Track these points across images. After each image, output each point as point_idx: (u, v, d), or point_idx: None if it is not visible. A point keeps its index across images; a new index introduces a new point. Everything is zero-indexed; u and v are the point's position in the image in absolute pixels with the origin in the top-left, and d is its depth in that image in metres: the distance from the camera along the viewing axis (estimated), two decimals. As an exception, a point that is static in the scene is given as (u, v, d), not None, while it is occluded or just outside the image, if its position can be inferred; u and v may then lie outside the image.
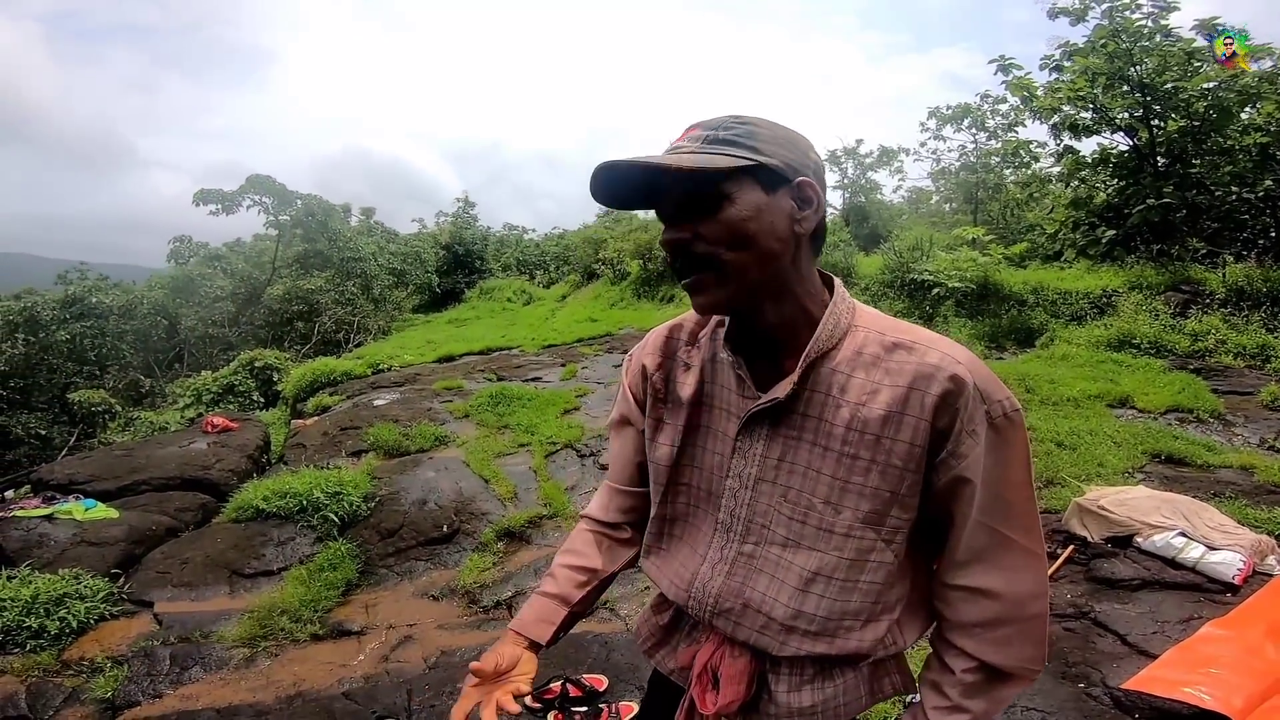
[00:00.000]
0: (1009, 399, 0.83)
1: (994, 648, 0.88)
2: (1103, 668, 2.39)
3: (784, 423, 0.87)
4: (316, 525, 4.19)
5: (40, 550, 3.88)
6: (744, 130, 0.82)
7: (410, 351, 10.24)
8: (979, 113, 12.57)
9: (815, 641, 0.90)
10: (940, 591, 0.92)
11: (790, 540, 0.89)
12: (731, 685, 0.94)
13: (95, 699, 2.73)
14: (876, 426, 0.83)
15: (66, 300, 13.24)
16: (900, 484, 0.84)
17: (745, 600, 0.92)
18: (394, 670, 2.78)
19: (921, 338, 0.86)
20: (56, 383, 12.60)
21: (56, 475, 5.29)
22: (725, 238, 0.80)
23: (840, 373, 0.86)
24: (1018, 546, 0.86)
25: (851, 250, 11.50)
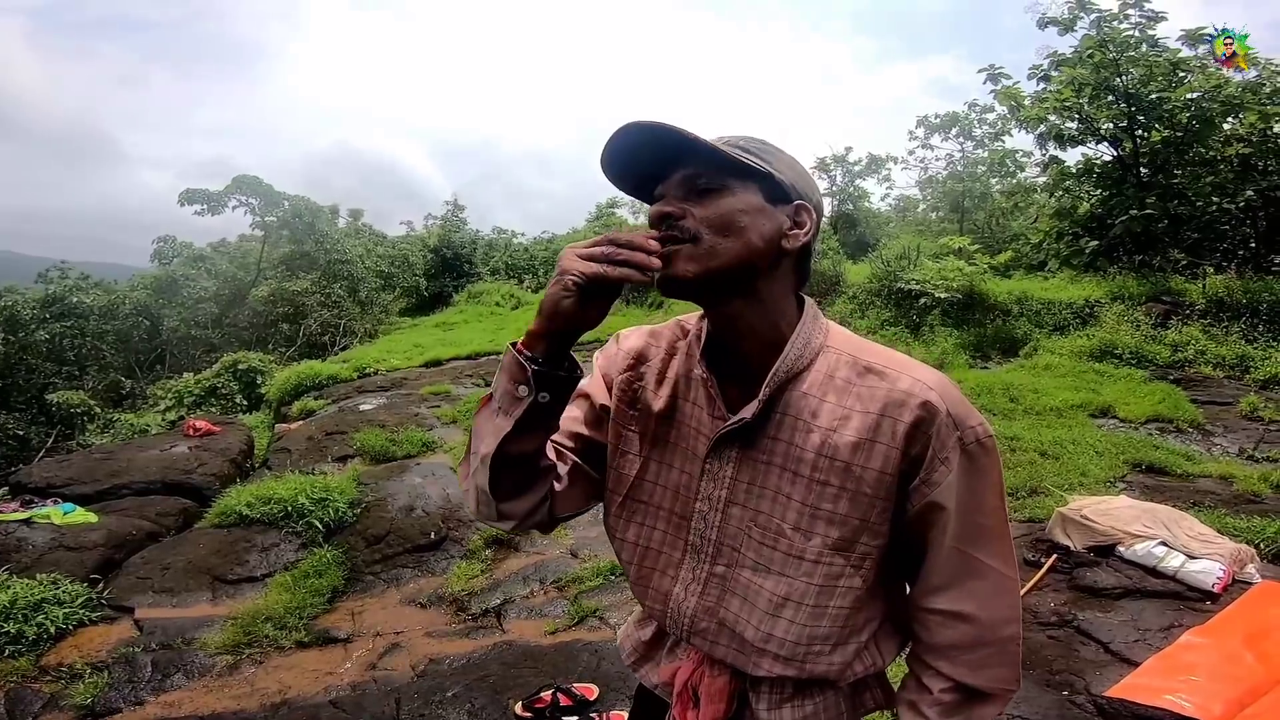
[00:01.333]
0: (982, 425, 0.83)
1: (970, 670, 0.88)
2: (1086, 675, 2.42)
3: (754, 446, 0.86)
4: (301, 531, 4.15)
5: (17, 555, 3.81)
6: (763, 147, 0.85)
7: (397, 355, 10.19)
8: (967, 121, 12.70)
9: (786, 665, 0.89)
10: (915, 614, 0.91)
11: (760, 565, 0.87)
12: (711, 704, 0.94)
13: (75, 705, 2.69)
14: (847, 453, 0.82)
15: (47, 299, 13.05)
16: (870, 511, 0.83)
17: (720, 619, 0.91)
18: (381, 678, 2.75)
19: (894, 362, 0.85)
20: (35, 383, 12.39)
21: (34, 478, 5.20)
22: (714, 220, 0.81)
23: (811, 396, 0.84)
24: (992, 571, 0.86)
25: (840, 258, 11.57)
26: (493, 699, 2.53)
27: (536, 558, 3.91)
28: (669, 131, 0.79)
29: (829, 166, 16.77)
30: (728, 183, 0.81)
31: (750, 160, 0.82)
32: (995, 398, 6.23)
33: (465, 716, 2.44)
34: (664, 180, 0.85)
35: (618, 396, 0.97)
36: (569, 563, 3.79)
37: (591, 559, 3.75)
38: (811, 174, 0.90)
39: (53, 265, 15.52)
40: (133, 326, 13.50)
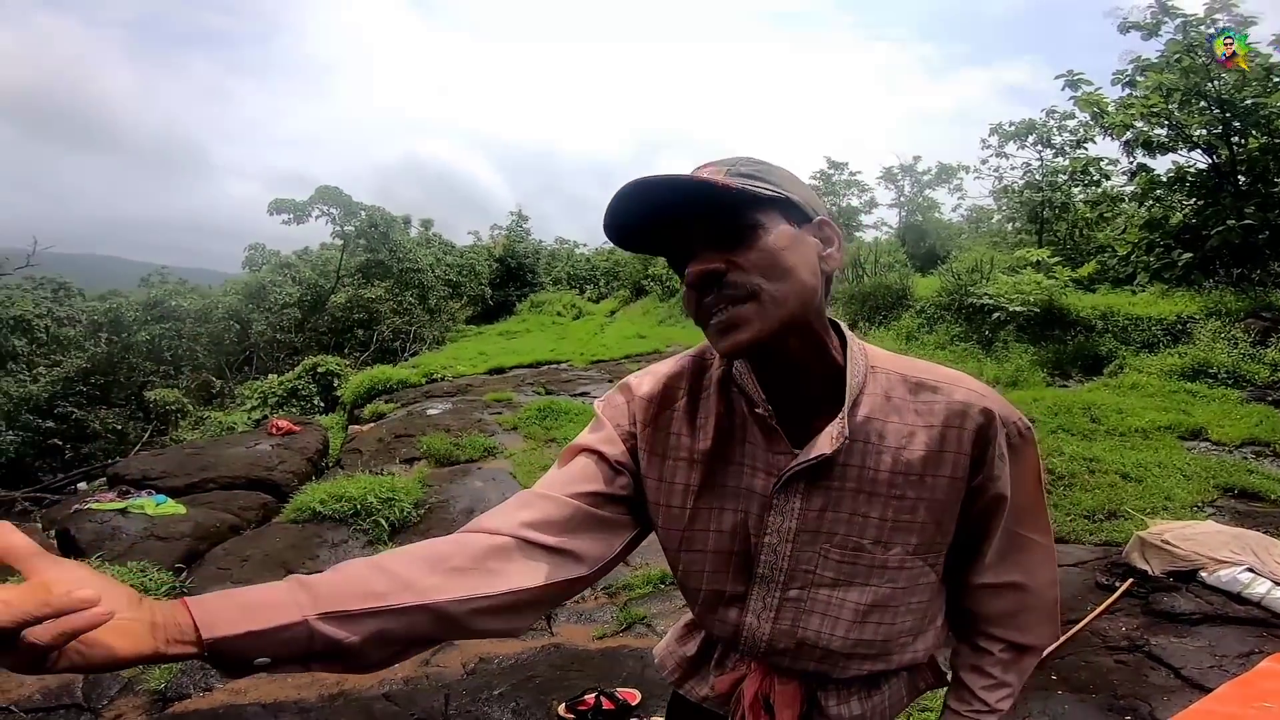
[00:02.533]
0: (1021, 419, 0.91)
1: (1020, 631, 1.00)
2: (1152, 700, 2.35)
3: (823, 476, 0.86)
4: (369, 529, 4.34)
5: (111, 543, 4.12)
6: (762, 168, 0.80)
7: (463, 362, 10.50)
8: (1045, 129, 12.10)
9: (875, 662, 0.95)
10: (971, 591, 0.99)
11: (840, 580, 0.89)
12: (787, 710, 0.96)
13: (148, 690, 2.87)
14: (919, 467, 0.85)
15: (148, 303, 14.08)
16: (944, 514, 0.88)
17: (799, 640, 0.92)
18: (433, 675, 2.84)
19: (941, 376, 0.89)
20: (135, 381, 13.38)
21: (131, 470, 5.62)
22: (764, 266, 0.76)
23: (875, 419, 0.86)
24: (1036, 545, 0.96)
25: (908, 271, 11.25)
26: (537, 699, 2.58)
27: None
28: (682, 182, 0.74)
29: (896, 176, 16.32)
30: (756, 220, 0.76)
31: (766, 189, 0.77)
32: (1074, 417, 5.92)
33: (510, 715, 2.50)
34: (680, 231, 0.79)
35: (646, 449, 0.92)
36: (621, 570, 3.81)
37: (643, 567, 3.76)
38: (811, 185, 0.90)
39: (153, 270, 16.76)
40: (224, 329, 14.39)
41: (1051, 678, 2.54)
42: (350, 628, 0.66)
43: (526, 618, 0.82)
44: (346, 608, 0.66)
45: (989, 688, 1.01)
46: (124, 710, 2.77)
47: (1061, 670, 2.58)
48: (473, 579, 0.75)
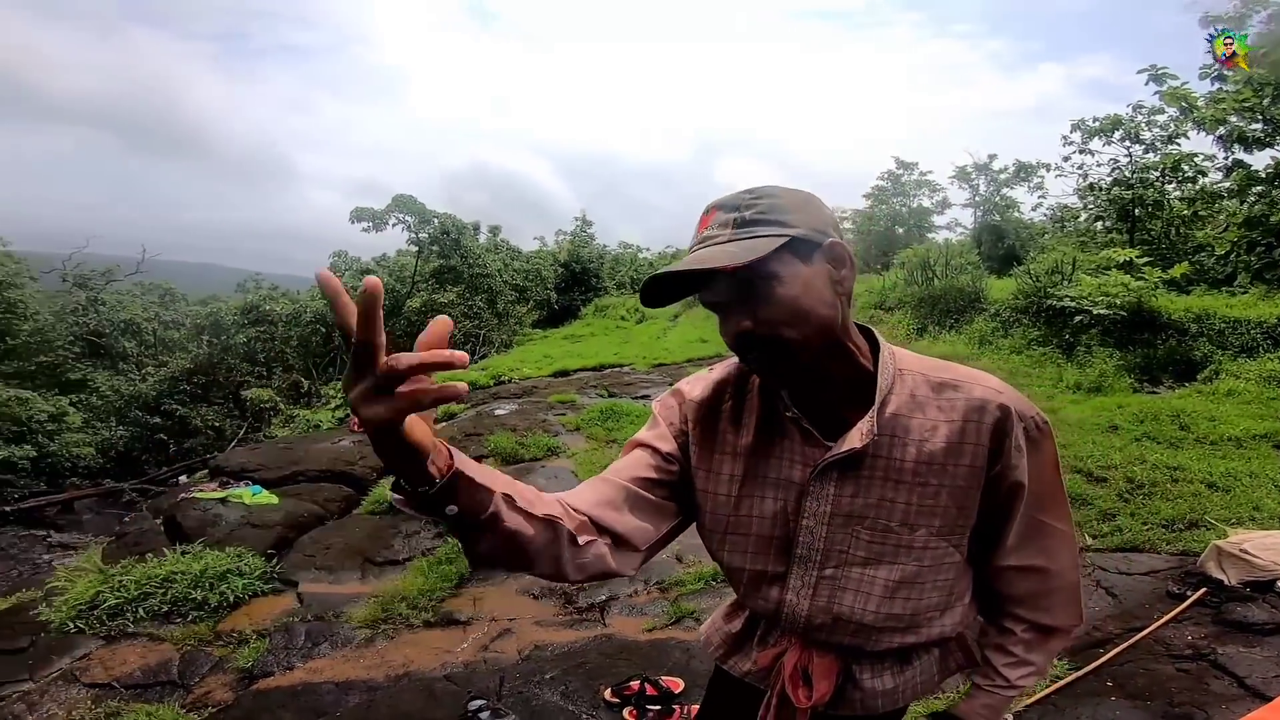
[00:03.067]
0: (1038, 414, 0.99)
1: (1044, 612, 1.08)
2: (1210, 709, 2.29)
3: (855, 465, 0.96)
4: (438, 522, 4.58)
5: (213, 529, 4.50)
6: (766, 205, 0.86)
7: (529, 365, 10.81)
8: (1132, 125, 11.41)
9: (905, 634, 1.04)
10: (995, 573, 1.07)
11: (870, 559, 0.99)
12: (824, 681, 1.06)
13: (236, 668, 3.12)
14: (941, 457, 0.95)
15: (244, 308, 15.14)
16: (965, 499, 0.97)
17: (835, 615, 1.02)
18: (491, 659, 3.01)
19: (961, 375, 0.99)
20: (232, 380, 14.40)
21: (231, 463, 6.11)
22: (783, 318, 0.86)
23: (901, 415, 0.96)
24: (1056, 530, 1.04)
25: (980, 274, 10.84)
26: (586, 684, 2.70)
27: (645, 559, 4.06)
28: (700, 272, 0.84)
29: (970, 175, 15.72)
30: (769, 270, 0.84)
31: (770, 238, 0.84)
32: (1162, 425, 5.62)
33: (559, 697, 2.63)
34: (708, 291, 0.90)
35: (696, 445, 1.04)
36: (674, 566, 3.90)
37: (695, 564, 3.84)
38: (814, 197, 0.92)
39: (249, 277, 17.97)
40: (311, 333, 15.30)
41: (1106, 684, 2.47)
42: (509, 514, 0.81)
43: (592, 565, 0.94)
44: (518, 499, 0.83)
45: (1011, 664, 1.09)
46: (213, 687, 3.02)
47: (1117, 677, 2.51)
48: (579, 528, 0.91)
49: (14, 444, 10.38)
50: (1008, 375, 7.84)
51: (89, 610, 3.51)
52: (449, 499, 0.74)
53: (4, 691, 3.00)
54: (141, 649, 3.29)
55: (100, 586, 3.64)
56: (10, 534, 9.01)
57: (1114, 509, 4.18)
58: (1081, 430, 5.65)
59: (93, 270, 16.63)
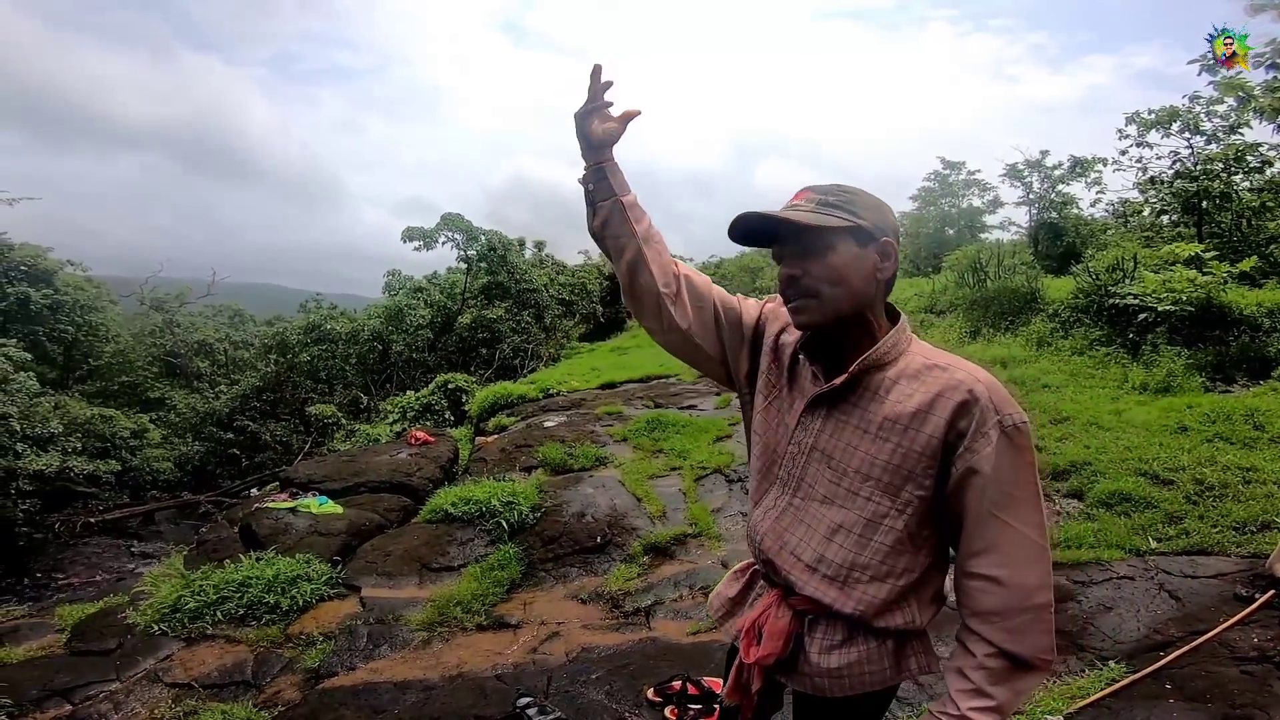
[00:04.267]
0: (1019, 413, 1.04)
1: (1009, 636, 1.01)
2: (1271, 711, 2.22)
3: (838, 409, 1.13)
4: (492, 530, 4.73)
5: (283, 537, 4.76)
6: (846, 198, 1.10)
7: (577, 378, 10.95)
8: (1190, 116, 10.92)
9: (829, 584, 1.12)
10: (959, 582, 1.08)
11: (827, 498, 1.13)
12: (771, 640, 1.16)
13: (304, 669, 3.30)
14: (906, 419, 1.06)
15: (307, 327, 15.80)
16: (916, 465, 1.06)
17: (782, 543, 1.17)
18: (539, 661, 3.11)
19: (955, 362, 1.10)
20: (297, 397, 15.04)
21: (299, 475, 6.42)
22: (828, 276, 1.07)
23: (889, 380, 1.10)
24: (1024, 539, 1.02)
25: (1036, 273, 10.49)
26: (629, 684, 2.77)
27: (689, 565, 4.12)
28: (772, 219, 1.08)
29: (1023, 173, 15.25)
30: (829, 241, 1.08)
31: (840, 219, 1.07)
32: (1235, 425, 5.35)
33: (604, 696, 2.72)
34: (780, 242, 1.13)
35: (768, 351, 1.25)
36: (719, 572, 3.94)
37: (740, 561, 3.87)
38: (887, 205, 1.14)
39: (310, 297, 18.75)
40: (369, 350, 15.86)
41: (1164, 686, 2.41)
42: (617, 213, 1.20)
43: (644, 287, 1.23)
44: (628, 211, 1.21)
45: (966, 693, 1.03)
46: (282, 687, 3.21)
47: (1177, 679, 2.44)
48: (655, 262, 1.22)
49: (99, 459, 11.08)
50: (1069, 377, 7.60)
51: (171, 613, 3.76)
52: (593, 180, 1.20)
53: (91, 691, 3.21)
54: (219, 650, 3.51)
55: (182, 590, 3.90)
56: (97, 544, 9.63)
57: (1181, 511, 4.03)
58: (1149, 432, 5.44)
59: (166, 294, 17.65)
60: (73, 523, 10.07)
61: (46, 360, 13.81)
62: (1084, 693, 2.46)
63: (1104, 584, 3.30)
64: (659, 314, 1.23)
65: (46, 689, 3.20)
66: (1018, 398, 7.22)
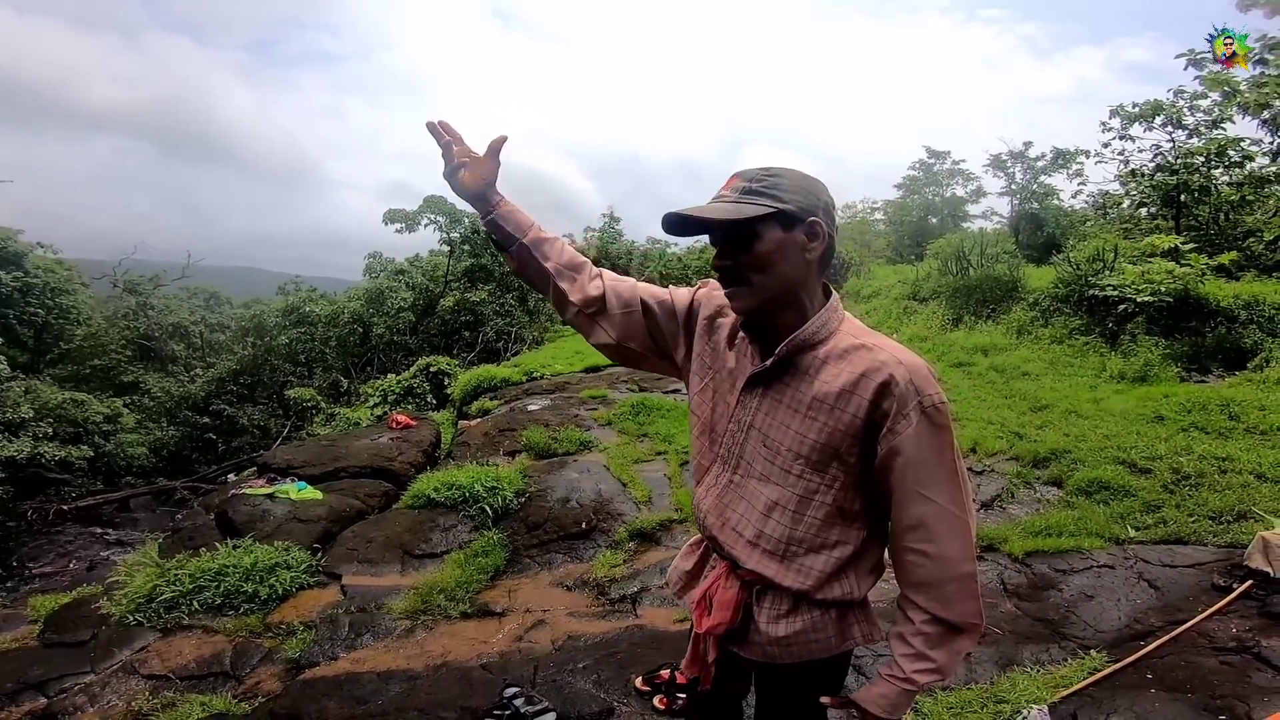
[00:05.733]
0: (938, 394, 1.08)
1: (941, 604, 1.10)
2: (1251, 701, 2.24)
3: (773, 389, 1.16)
4: (475, 515, 4.68)
5: (261, 524, 4.66)
6: (771, 182, 1.10)
7: (561, 361, 10.89)
8: (1174, 109, 11.03)
9: (770, 559, 1.16)
10: (893, 554, 1.16)
11: (763, 475, 1.17)
12: (721, 610, 1.20)
13: (285, 659, 3.23)
14: (832, 399, 1.10)
15: (286, 309, 15.52)
16: (842, 444, 1.10)
17: (724, 519, 1.21)
18: (525, 649, 3.08)
19: (880, 342, 1.12)
20: (276, 380, 14.80)
21: (277, 460, 6.30)
22: (755, 265, 1.10)
23: (818, 359, 1.13)
24: (948, 514, 1.08)
25: (1017, 263, 10.58)
26: (617, 673, 2.75)
27: (675, 552, 4.07)
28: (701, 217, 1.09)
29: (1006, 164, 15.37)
30: (753, 230, 1.09)
31: (761, 206, 1.08)
32: (1210, 415, 5.44)
33: (591, 685, 2.69)
34: (710, 232, 1.14)
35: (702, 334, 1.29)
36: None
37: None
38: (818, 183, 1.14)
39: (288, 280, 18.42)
40: (349, 333, 15.63)
41: (1146, 676, 2.44)
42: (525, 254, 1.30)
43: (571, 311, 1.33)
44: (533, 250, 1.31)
45: (908, 656, 1.13)
46: (262, 677, 3.15)
47: (1158, 669, 2.48)
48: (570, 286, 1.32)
49: (71, 445, 10.83)
50: (1049, 365, 7.70)
51: (147, 603, 3.68)
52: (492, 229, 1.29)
53: (66, 684, 3.13)
54: (196, 640, 3.44)
55: (157, 580, 3.81)
56: (70, 532, 9.43)
57: (1158, 500, 4.09)
58: (1126, 421, 5.51)
59: (141, 276, 17.18)
60: (45, 510, 9.85)
61: (16, 344, 13.45)
62: (1067, 682, 2.48)
63: (1085, 572, 3.34)
64: (590, 331, 1.32)
65: (20, 682, 3.12)
66: (998, 385, 7.34)
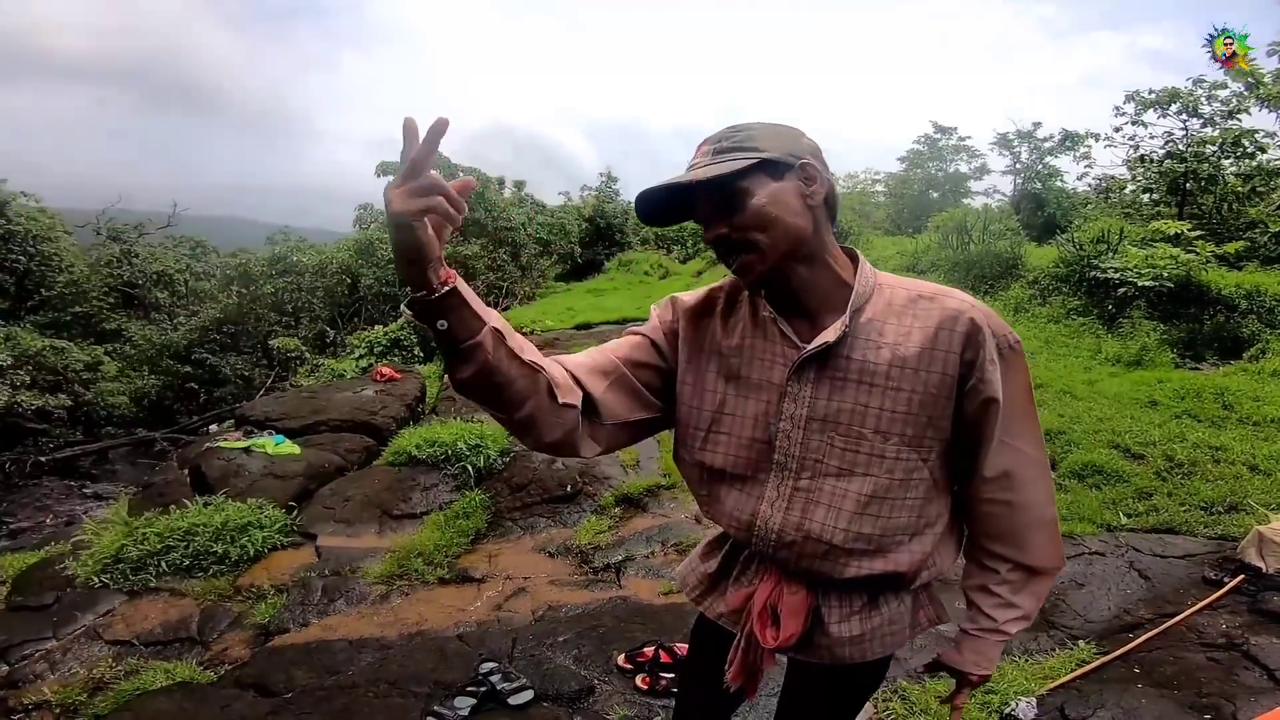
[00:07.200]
0: (1011, 333, 1.01)
1: (1026, 551, 1.06)
2: (1238, 700, 2.20)
3: (829, 367, 1.00)
4: (457, 475, 4.57)
5: (235, 480, 4.48)
6: (741, 136, 0.98)
7: (551, 317, 10.73)
8: (1192, 98, 10.83)
9: (873, 559, 1.02)
10: (973, 508, 1.08)
11: (844, 470, 1.00)
12: (792, 619, 1.05)
13: (254, 624, 3.11)
14: (915, 361, 0.97)
15: (272, 258, 15.22)
16: (935, 408, 0.98)
17: (805, 532, 1.02)
18: (504, 619, 2.99)
19: (938, 290, 1.02)
20: (261, 330, 14.58)
21: (256, 412, 6.14)
22: (754, 224, 0.96)
23: (876, 321, 1.00)
24: (1028, 457, 1.03)
25: (1020, 240, 10.45)
26: (599, 648, 2.67)
27: (662, 519, 4.03)
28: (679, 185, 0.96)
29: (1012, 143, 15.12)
30: (740, 187, 0.95)
31: (741, 159, 0.95)
32: (1204, 402, 5.39)
33: (571, 661, 2.60)
34: (698, 210, 1.01)
35: (686, 342, 1.10)
36: (693, 527, 3.86)
37: (712, 526, 3.79)
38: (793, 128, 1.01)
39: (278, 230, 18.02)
40: (337, 283, 15.34)
41: (1134, 670, 2.40)
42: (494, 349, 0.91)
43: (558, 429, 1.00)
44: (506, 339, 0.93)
45: (998, 607, 1.08)
46: (230, 643, 3.04)
47: (1146, 664, 2.43)
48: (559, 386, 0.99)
49: (50, 393, 10.59)
50: (1044, 344, 7.62)
51: (113, 564, 3.52)
52: (441, 313, 0.87)
53: (27, 650, 2.99)
54: (163, 604, 3.31)
55: (124, 539, 3.66)
56: (48, 485, 9.23)
57: (1151, 488, 4.04)
58: (1120, 404, 5.46)
59: (125, 225, 16.82)
60: (23, 462, 9.65)
61: (-2, 290, 13.12)
62: (1055, 673, 2.43)
63: (1076, 559, 3.29)
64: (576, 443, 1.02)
65: (-17, 648, 2.97)
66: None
